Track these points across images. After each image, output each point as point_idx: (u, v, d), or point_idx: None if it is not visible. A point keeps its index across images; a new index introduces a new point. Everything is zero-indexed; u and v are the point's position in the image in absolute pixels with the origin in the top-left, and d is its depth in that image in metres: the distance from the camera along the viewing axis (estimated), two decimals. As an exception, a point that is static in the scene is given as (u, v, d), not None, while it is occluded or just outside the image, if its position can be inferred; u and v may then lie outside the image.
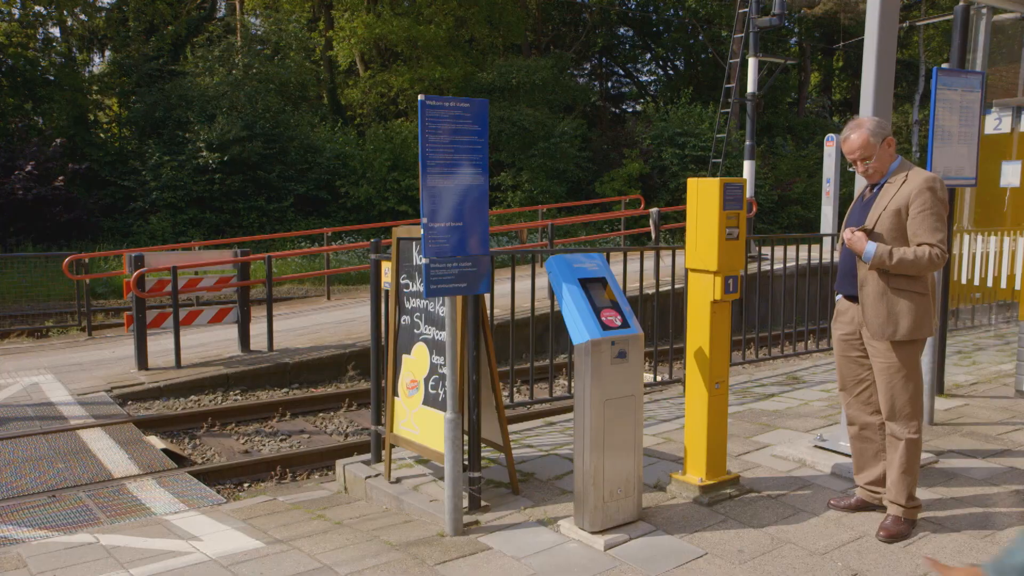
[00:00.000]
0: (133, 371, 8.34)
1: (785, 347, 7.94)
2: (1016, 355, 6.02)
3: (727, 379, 4.00)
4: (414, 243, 4.25)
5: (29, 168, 17.35)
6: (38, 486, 5.14)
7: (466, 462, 3.95)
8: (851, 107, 35.50)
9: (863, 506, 3.87)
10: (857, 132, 3.64)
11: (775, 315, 9.86)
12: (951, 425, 5.28)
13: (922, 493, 4.07)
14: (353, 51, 25.00)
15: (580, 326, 3.53)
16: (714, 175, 20.23)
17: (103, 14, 23.36)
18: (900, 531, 3.58)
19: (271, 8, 25.85)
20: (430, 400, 4.20)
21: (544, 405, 6.75)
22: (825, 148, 16.61)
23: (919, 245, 3.45)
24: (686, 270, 4.11)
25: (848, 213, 3.81)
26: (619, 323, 3.62)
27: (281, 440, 6.83)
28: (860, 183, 4.54)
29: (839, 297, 3.85)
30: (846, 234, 3.64)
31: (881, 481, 3.79)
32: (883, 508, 3.77)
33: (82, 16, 22.80)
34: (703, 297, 3.94)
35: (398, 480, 4.42)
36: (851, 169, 3.76)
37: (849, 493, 4.02)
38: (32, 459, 5.65)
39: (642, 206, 18.71)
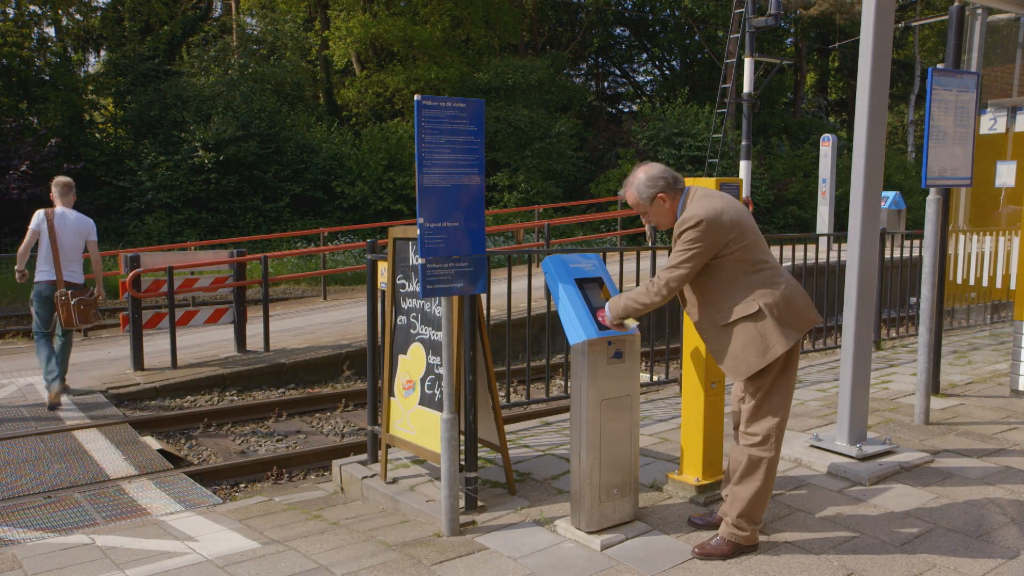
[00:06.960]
0: (129, 371, 8.32)
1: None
2: (1011, 354, 6.04)
3: (723, 379, 4.00)
4: (410, 243, 4.25)
5: (24, 168, 17.32)
6: (34, 487, 5.13)
7: (462, 462, 3.95)
8: (847, 107, 35.59)
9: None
10: (627, 189, 3.46)
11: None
12: (946, 425, 5.30)
13: (918, 492, 4.09)
14: (349, 51, 25.00)
15: (576, 326, 3.53)
16: (710, 175, 20.27)
17: (98, 14, 23.31)
18: (720, 551, 3.40)
19: (267, 8, 25.83)
20: (426, 400, 4.20)
21: (541, 405, 6.75)
22: (821, 148, 16.64)
23: None
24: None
25: None
26: (615, 323, 3.62)
27: (277, 440, 6.82)
28: (857, 183, 4.55)
29: None
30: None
31: None
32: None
33: (77, 16, 22.75)
34: (699, 297, 3.94)
35: (394, 480, 4.42)
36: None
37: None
38: (27, 460, 5.63)
39: (638, 206, 18.69)
